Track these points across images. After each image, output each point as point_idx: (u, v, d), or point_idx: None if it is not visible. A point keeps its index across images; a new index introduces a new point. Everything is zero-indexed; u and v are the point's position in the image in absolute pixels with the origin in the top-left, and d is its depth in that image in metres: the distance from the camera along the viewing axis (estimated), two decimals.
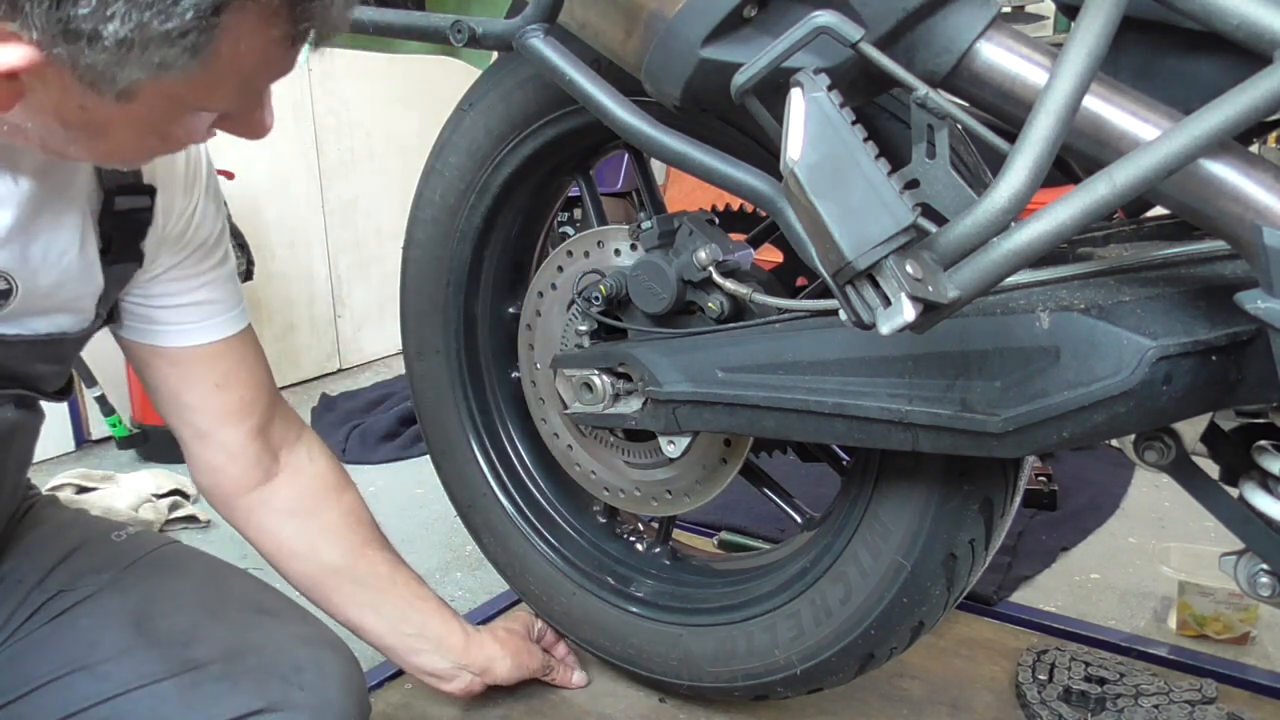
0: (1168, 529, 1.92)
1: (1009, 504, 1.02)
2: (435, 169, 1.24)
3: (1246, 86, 0.59)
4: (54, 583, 0.89)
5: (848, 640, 1.08)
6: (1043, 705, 1.24)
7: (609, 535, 1.35)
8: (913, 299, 0.59)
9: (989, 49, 0.72)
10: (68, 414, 2.48)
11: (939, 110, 0.67)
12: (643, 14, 0.79)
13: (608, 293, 1.08)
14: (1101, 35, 0.62)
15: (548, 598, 1.33)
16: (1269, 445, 0.77)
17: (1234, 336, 0.71)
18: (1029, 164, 0.61)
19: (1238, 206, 0.64)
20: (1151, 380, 0.71)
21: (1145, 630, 1.54)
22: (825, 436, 0.94)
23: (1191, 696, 1.23)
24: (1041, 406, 0.76)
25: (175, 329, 0.92)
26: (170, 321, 0.91)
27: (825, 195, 0.61)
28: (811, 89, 0.63)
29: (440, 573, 1.83)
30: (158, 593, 0.91)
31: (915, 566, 1.01)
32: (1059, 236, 0.61)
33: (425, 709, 1.28)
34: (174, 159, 0.85)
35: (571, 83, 0.86)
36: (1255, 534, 0.78)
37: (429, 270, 1.29)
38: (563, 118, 1.11)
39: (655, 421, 1.05)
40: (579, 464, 1.25)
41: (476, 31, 0.89)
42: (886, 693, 1.31)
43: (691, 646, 1.20)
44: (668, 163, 0.84)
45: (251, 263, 2.54)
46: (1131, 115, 0.68)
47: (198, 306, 0.92)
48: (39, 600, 0.88)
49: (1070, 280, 0.79)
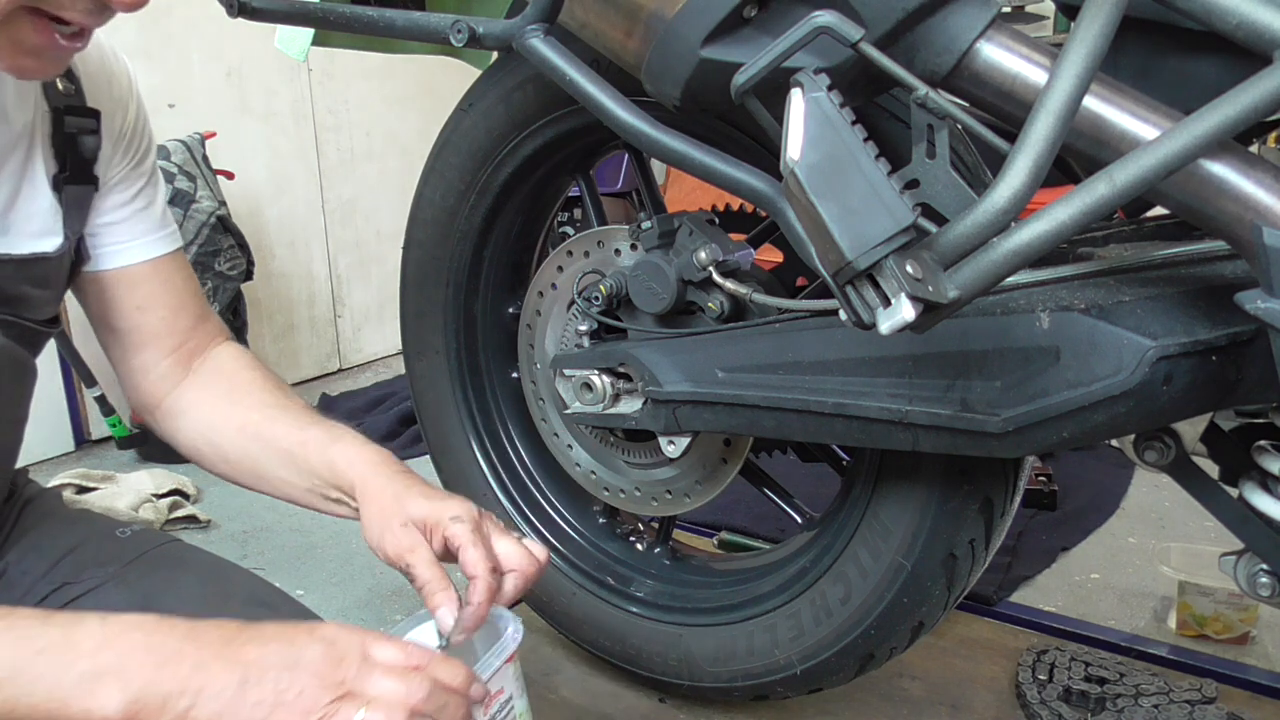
0: (1168, 529, 1.92)
1: (1009, 504, 1.02)
2: (435, 169, 1.24)
3: (1246, 86, 0.59)
4: (59, 575, 0.89)
5: (848, 640, 1.08)
6: (1043, 705, 1.24)
7: (609, 535, 1.35)
8: (913, 299, 0.59)
9: (989, 49, 0.72)
10: (68, 414, 2.48)
11: (939, 110, 0.67)
12: (643, 14, 0.79)
13: (608, 293, 1.08)
14: (1101, 35, 0.62)
15: (548, 598, 1.33)
16: (1269, 445, 0.77)
17: (1234, 336, 0.71)
18: (1029, 164, 0.61)
19: (1238, 206, 0.64)
20: (1151, 380, 0.71)
21: (1145, 630, 1.54)
22: (825, 436, 0.94)
23: (1191, 696, 1.24)
24: (1041, 406, 0.76)
25: (105, 250, 0.91)
26: (102, 243, 0.91)
27: (825, 195, 0.61)
28: (811, 89, 0.63)
29: None
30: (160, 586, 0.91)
31: (915, 566, 1.01)
32: (1059, 236, 0.61)
33: None
34: (108, 81, 0.87)
35: (571, 83, 0.86)
36: (1255, 534, 0.78)
37: (429, 270, 1.29)
38: (563, 118, 1.11)
39: (655, 421, 1.05)
40: (579, 464, 1.25)
41: (476, 31, 0.89)
42: (886, 693, 1.31)
43: (691, 646, 1.20)
44: (668, 163, 0.84)
45: (251, 263, 2.54)
46: (1131, 115, 0.68)
47: (127, 224, 0.92)
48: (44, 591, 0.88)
49: (1070, 280, 0.79)
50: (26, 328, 0.84)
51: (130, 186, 0.92)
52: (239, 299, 2.56)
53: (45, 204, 0.83)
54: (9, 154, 0.79)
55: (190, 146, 2.41)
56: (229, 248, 2.46)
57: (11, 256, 0.80)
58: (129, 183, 0.92)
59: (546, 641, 1.45)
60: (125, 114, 0.90)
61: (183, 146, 2.40)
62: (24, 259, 0.81)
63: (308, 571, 1.83)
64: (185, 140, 2.41)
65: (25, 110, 0.80)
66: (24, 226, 0.82)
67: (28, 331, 0.85)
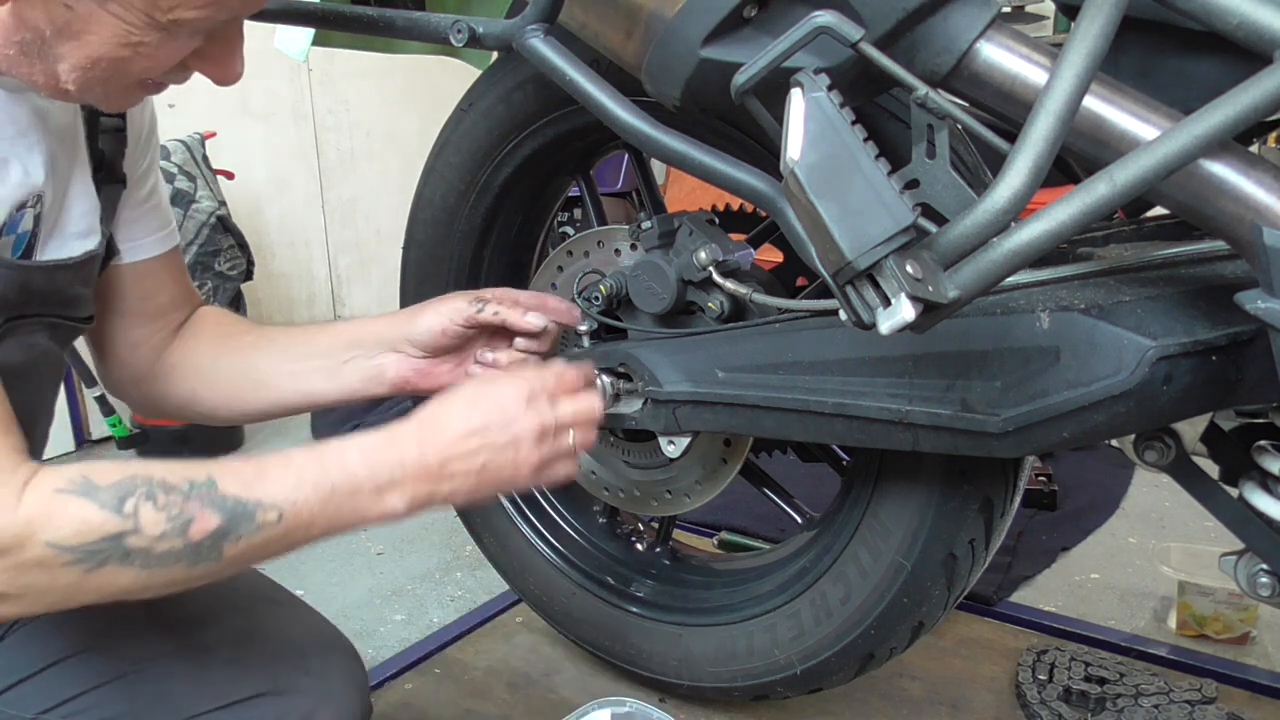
0: (1168, 529, 1.92)
1: (1009, 504, 1.02)
2: (435, 169, 1.24)
3: (1246, 86, 0.59)
4: None
5: (848, 640, 1.08)
6: (1043, 705, 1.24)
7: (609, 535, 1.35)
8: (913, 299, 0.59)
9: (989, 49, 0.72)
10: (68, 414, 2.48)
11: (939, 110, 0.67)
12: (643, 14, 0.79)
13: (608, 293, 1.08)
14: (1101, 35, 0.62)
15: (548, 598, 1.33)
16: (1269, 445, 0.77)
17: (1234, 336, 0.71)
18: (1029, 164, 0.61)
19: (1238, 206, 0.64)
20: (1151, 380, 0.71)
21: (1145, 630, 1.54)
22: (825, 436, 0.94)
23: (1191, 696, 1.24)
24: (1041, 406, 0.76)
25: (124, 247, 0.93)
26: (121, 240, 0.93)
27: (825, 195, 0.61)
28: (811, 89, 0.63)
29: (440, 573, 1.83)
30: None
31: (915, 566, 1.01)
32: (1059, 236, 0.61)
33: (425, 709, 1.29)
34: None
35: (571, 83, 0.86)
36: (1255, 534, 0.78)
37: (429, 270, 1.29)
38: (563, 118, 1.11)
39: (655, 421, 1.05)
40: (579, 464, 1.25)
41: (476, 31, 0.89)
42: (886, 693, 1.31)
43: (691, 646, 1.20)
44: (668, 163, 0.84)
45: (251, 263, 2.54)
46: (1131, 115, 0.68)
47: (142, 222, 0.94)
48: None
49: (1070, 280, 0.79)
50: (71, 327, 0.86)
51: (145, 183, 0.94)
52: (239, 299, 2.56)
53: (89, 204, 0.84)
54: (58, 156, 0.79)
55: (190, 146, 2.41)
56: (229, 248, 2.46)
57: (71, 260, 0.81)
58: (144, 180, 0.94)
59: (546, 641, 1.45)
60: (144, 111, 0.92)
61: (183, 146, 2.40)
62: (79, 261, 0.82)
63: (308, 572, 1.84)
64: (185, 140, 2.41)
65: (67, 111, 0.81)
66: (73, 228, 0.83)
67: (71, 331, 0.87)
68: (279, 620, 0.95)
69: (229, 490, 0.68)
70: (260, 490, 0.70)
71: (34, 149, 0.76)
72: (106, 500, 0.65)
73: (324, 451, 0.75)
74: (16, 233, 0.76)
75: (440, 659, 1.44)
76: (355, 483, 0.74)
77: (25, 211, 0.76)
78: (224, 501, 0.68)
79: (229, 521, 0.68)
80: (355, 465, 0.75)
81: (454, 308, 0.98)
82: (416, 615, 1.67)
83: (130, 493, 0.65)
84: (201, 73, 0.74)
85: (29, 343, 0.79)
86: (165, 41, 0.68)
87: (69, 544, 0.63)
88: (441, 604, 1.71)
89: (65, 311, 0.83)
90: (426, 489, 0.77)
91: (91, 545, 0.64)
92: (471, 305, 0.98)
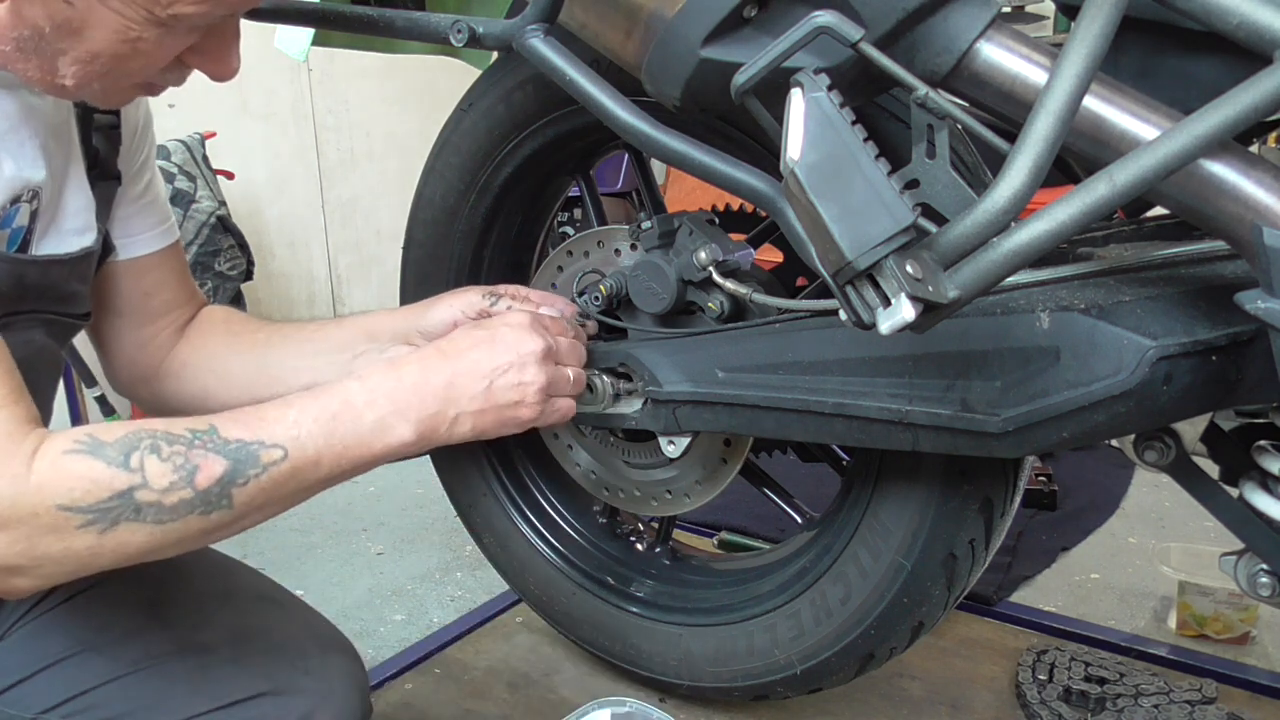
0: (1168, 529, 1.92)
1: (1009, 504, 1.02)
2: (435, 169, 1.24)
3: (1246, 86, 0.59)
4: None
5: (848, 640, 1.08)
6: (1043, 705, 1.24)
7: (609, 535, 1.35)
8: (913, 299, 0.59)
9: (989, 49, 0.72)
10: (68, 414, 2.48)
11: (939, 110, 0.67)
12: (642, 14, 0.79)
13: (608, 293, 1.08)
14: (1101, 35, 0.62)
15: (548, 598, 1.33)
16: (1269, 445, 0.77)
17: (1234, 336, 0.71)
18: (1029, 164, 0.61)
19: (1238, 206, 0.64)
20: (1151, 380, 0.71)
21: (1145, 630, 1.54)
22: (825, 436, 0.94)
23: (1191, 696, 1.24)
24: (1041, 406, 0.76)
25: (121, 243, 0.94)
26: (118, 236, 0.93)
27: (825, 195, 0.61)
28: (811, 89, 0.63)
29: (440, 573, 1.84)
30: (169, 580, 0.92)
31: (915, 566, 1.01)
32: (1059, 236, 0.61)
33: (425, 709, 1.29)
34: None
35: (571, 83, 0.86)
36: (1255, 534, 0.78)
37: (429, 270, 1.29)
38: (563, 118, 1.11)
39: (655, 422, 1.05)
40: (579, 464, 1.25)
41: (476, 31, 0.89)
42: (886, 693, 1.31)
43: (691, 646, 1.21)
44: (668, 163, 0.84)
45: (251, 263, 2.54)
46: (1131, 115, 0.68)
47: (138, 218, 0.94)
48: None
49: (1070, 280, 0.79)
50: (68, 324, 0.86)
51: (140, 180, 0.94)
52: (239, 299, 2.56)
53: (84, 200, 0.85)
54: (53, 152, 0.80)
55: (190, 146, 2.41)
56: (229, 248, 2.46)
57: (67, 255, 0.81)
58: (140, 176, 0.94)
59: (546, 641, 1.45)
60: (138, 107, 0.92)
61: (183, 146, 2.40)
62: (75, 257, 0.82)
63: (308, 571, 1.84)
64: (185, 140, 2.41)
65: (60, 108, 0.81)
66: (69, 224, 0.83)
67: (68, 328, 0.87)
68: (279, 620, 0.94)
69: (230, 434, 0.68)
70: (262, 430, 0.69)
71: (25, 144, 0.76)
72: (113, 456, 0.65)
73: (324, 387, 0.75)
74: (11, 227, 0.76)
75: (440, 659, 1.44)
76: (356, 409, 0.73)
77: (20, 206, 0.76)
78: (226, 445, 0.68)
79: (234, 465, 0.68)
80: (354, 392, 0.75)
81: (467, 300, 1.00)
82: (416, 615, 1.67)
83: (135, 446, 0.65)
84: (198, 68, 0.74)
85: (26, 339, 0.79)
86: (164, 37, 0.68)
87: (80, 504, 0.63)
88: (441, 604, 1.71)
89: (62, 308, 0.83)
90: (433, 410, 0.77)
91: (103, 504, 0.64)
92: (485, 299, 1.00)
